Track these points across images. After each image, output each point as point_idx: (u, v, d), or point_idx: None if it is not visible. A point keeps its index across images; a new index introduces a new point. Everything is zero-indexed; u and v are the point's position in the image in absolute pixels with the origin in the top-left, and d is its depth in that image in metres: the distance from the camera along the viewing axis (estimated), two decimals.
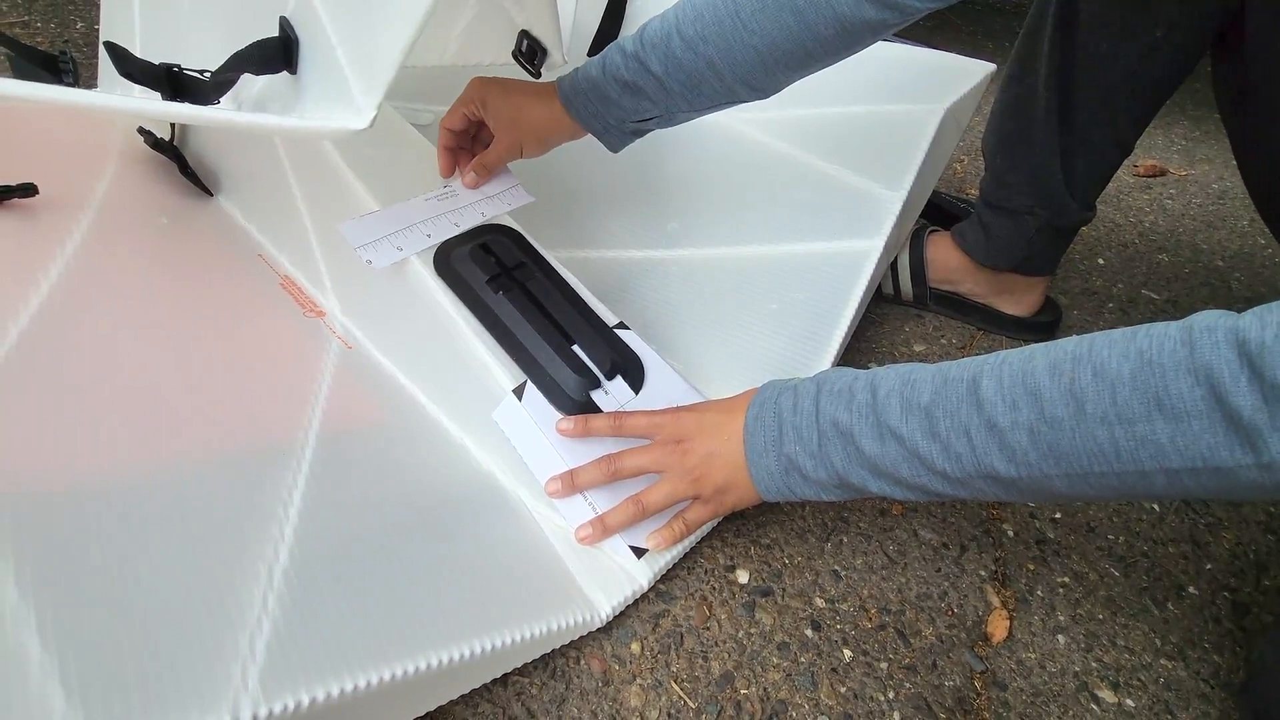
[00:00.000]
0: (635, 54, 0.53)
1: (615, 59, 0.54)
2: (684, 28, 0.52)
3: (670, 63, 0.52)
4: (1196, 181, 1.27)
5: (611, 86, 0.55)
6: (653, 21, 0.54)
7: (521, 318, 0.54)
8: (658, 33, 0.53)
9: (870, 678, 0.48)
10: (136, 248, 0.59)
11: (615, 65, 0.54)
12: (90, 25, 1.22)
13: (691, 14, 0.52)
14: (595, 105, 0.56)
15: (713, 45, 0.51)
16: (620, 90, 0.55)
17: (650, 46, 0.53)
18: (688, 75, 0.53)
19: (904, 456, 0.42)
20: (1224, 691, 0.50)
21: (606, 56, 0.55)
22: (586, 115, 0.57)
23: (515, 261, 0.57)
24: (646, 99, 0.55)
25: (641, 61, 0.53)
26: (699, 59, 0.52)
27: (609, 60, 0.55)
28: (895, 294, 0.84)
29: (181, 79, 0.49)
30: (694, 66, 0.52)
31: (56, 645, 0.30)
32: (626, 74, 0.54)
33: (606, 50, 0.55)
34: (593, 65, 0.56)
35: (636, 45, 0.54)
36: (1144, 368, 0.34)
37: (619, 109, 0.56)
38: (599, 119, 0.57)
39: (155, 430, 0.44)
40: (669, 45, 0.52)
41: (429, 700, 0.41)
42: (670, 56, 0.52)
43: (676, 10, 0.53)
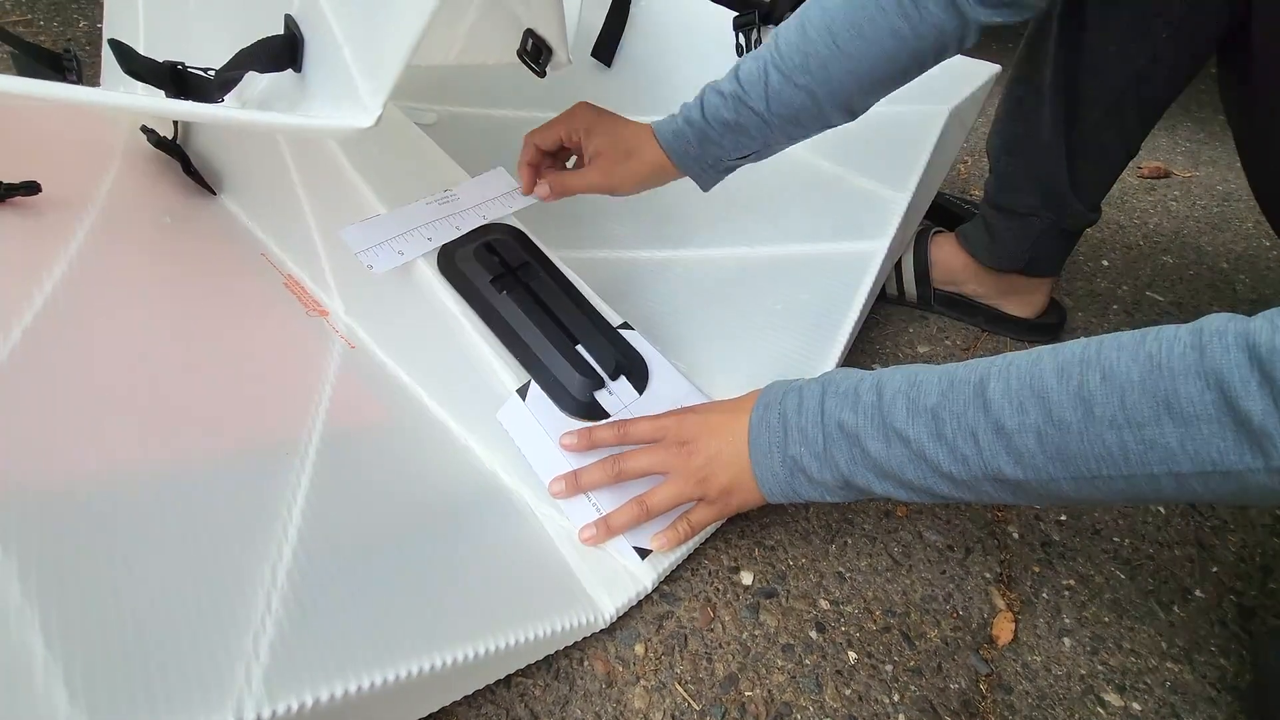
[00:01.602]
0: (735, 94, 0.55)
1: (714, 101, 0.56)
2: (781, 62, 0.54)
3: (771, 97, 0.54)
4: (1201, 183, 1.26)
5: (713, 128, 0.56)
6: (745, 61, 0.56)
7: (525, 318, 0.53)
8: (754, 71, 0.55)
9: (875, 680, 0.48)
10: (140, 246, 0.59)
11: (715, 106, 0.56)
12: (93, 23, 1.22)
13: (786, 48, 0.54)
14: (696, 147, 0.57)
15: (813, 75, 0.53)
16: (722, 130, 0.56)
17: (749, 85, 0.54)
18: (788, 107, 0.54)
19: (910, 458, 0.41)
20: (1230, 695, 0.49)
21: (705, 100, 0.57)
22: (686, 159, 0.58)
23: (519, 261, 0.57)
24: (748, 136, 0.56)
25: (742, 100, 0.54)
26: (799, 90, 0.53)
27: (708, 103, 0.56)
28: (899, 295, 0.84)
29: (186, 77, 0.49)
30: (794, 98, 0.54)
31: (60, 645, 0.30)
32: (728, 114, 0.55)
33: (703, 93, 0.57)
34: (691, 109, 0.57)
35: (734, 86, 0.55)
36: (1153, 371, 0.34)
37: (719, 148, 0.57)
38: (699, 161, 0.58)
39: (158, 429, 0.44)
40: (768, 80, 0.54)
41: (432, 701, 0.41)
42: (771, 91, 0.54)
43: (768, 48, 0.55)
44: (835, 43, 0.52)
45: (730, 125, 0.56)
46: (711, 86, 0.57)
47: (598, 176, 0.58)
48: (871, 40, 0.52)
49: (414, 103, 0.82)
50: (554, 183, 0.59)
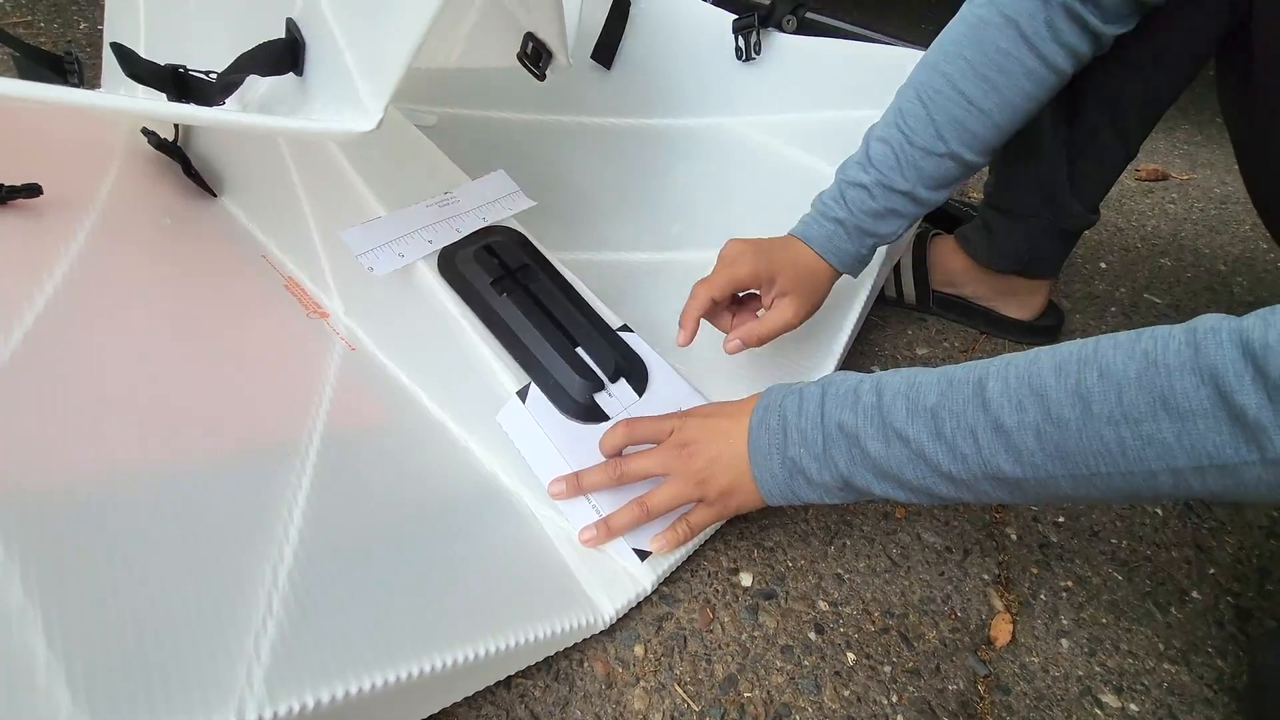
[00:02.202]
0: (876, 181, 0.55)
1: (856, 195, 0.56)
2: (914, 136, 0.54)
3: (914, 173, 0.54)
4: (1199, 186, 1.27)
5: (865, 220, 0.56)
6: (872, 144, 0.56)
7: (525, 320, 0.54)
8: (887, 154, 0.55)
9: (874, 681, 0.48)
10: (140, 248, 0.59)
11: (859, 199, 0.56)
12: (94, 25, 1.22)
13: (914, 122, 0.54)
14: (853, 244, 0.57)
15: (951, 140, 0.53)
16: (875, 220, 0.56)
17: (888, 168, 0.55)
18: (932, 176, 0.55)
19: (909, 458, 0.42)
20: (1227, 696, 0.50)
21: (846, 196, 0.56)
22: (846, 258, 0.58)
23: (519, 263, 0.57)
24: (899, 215, 0.56)
25: (885, 185, 0.55)
26: (942, 159, 0.54)
27: (850, 198, 0.56)
28: (898, 297, 0.84)
29: (187, 80, 0.49)
30: (939, 167, 0.54)
31: (63, 646, 0.30)
32: (876, 203, 0.55)
33: (840, 189, 0.57)
34: (832, 207, 0.57)
35: (872, 174, 0.55)
36: (1149, 368, 0.35)
37: (873, 237, 0.57)
38: (856, 256, 0.58)
39: (159, 430, 0.44)
40: (905, 158, 0.54)
41: (433, 702, 0.41)
42: (912, 167, 0.54)
43: (894, 126, 0.55)
44: (969, 103, 0.53)
45: (880, 213, 0.56)
46: (846, 179, 0.57)
47: (792, 314, 0.56)
48: (1007, 89, 0.52)
49: (414, 105, 0.82)
50: (746, 335, 0.56)
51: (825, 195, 0.59)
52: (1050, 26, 0.52)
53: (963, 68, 0.53)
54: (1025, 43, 0.52)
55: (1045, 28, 0.52)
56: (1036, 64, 0.52)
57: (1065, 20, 0.52)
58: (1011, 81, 0.53)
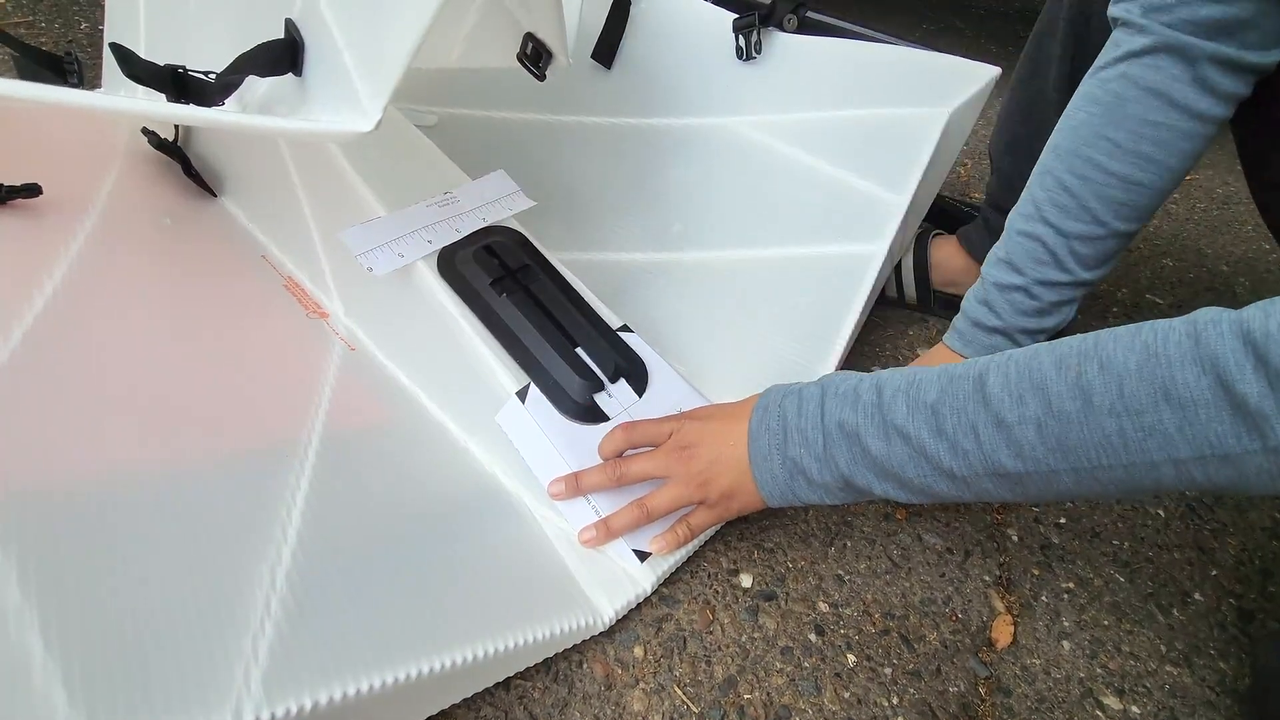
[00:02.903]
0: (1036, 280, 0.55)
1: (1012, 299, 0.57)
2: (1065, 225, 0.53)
3: (1073, 259, 0.54)
4: (1200, 186, 1.26)
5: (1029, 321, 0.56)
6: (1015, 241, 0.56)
7: (525, 320, 0.53)
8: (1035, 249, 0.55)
9: (874, 683, 0.48)
10: (140, 248, 0.59)
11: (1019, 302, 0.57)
12: (95, 26, 1.22)
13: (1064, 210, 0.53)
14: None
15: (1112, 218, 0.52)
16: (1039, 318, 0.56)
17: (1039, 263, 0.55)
18: (1095, 256, 0.54)
19: (910, 456, 0.41)
20: (1229, 698, 0.49)
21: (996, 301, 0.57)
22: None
23: (519, 264, 0.57)
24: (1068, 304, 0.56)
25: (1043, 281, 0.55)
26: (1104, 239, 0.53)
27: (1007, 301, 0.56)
28: (899, 297, 0.84)
29: (187, 80, 0.49)
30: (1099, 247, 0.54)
31: (59, 646, 0.30)
32: (1039, 301, 0.56)
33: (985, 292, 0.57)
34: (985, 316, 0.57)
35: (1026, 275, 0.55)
36: (1150, 359, 0.35)
37: (1045, 334, 0.57)
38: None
39: (158, 431, 0.44)
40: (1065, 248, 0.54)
41: (431, 704, 0.41)
42: (1071, 255, 0.54)
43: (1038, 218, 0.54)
44: (1126, 181, 0.51)
45: (1044, 309, 0.55)
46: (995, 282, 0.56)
47: None
48: (1166, 157, 0.50)
49: (414, 105, 0.82)
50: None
51: (972, 299, 0.57)
52: (1201, 85, 0.48)
53: (1109, 149, 0.51)
54: (1177, 109, 0.49)
55: (1195, 88, 0.48)
56: (1193, 124, 0.49)
57: (1218, 72, 0.48)
58: (1170, 149, 0.50)
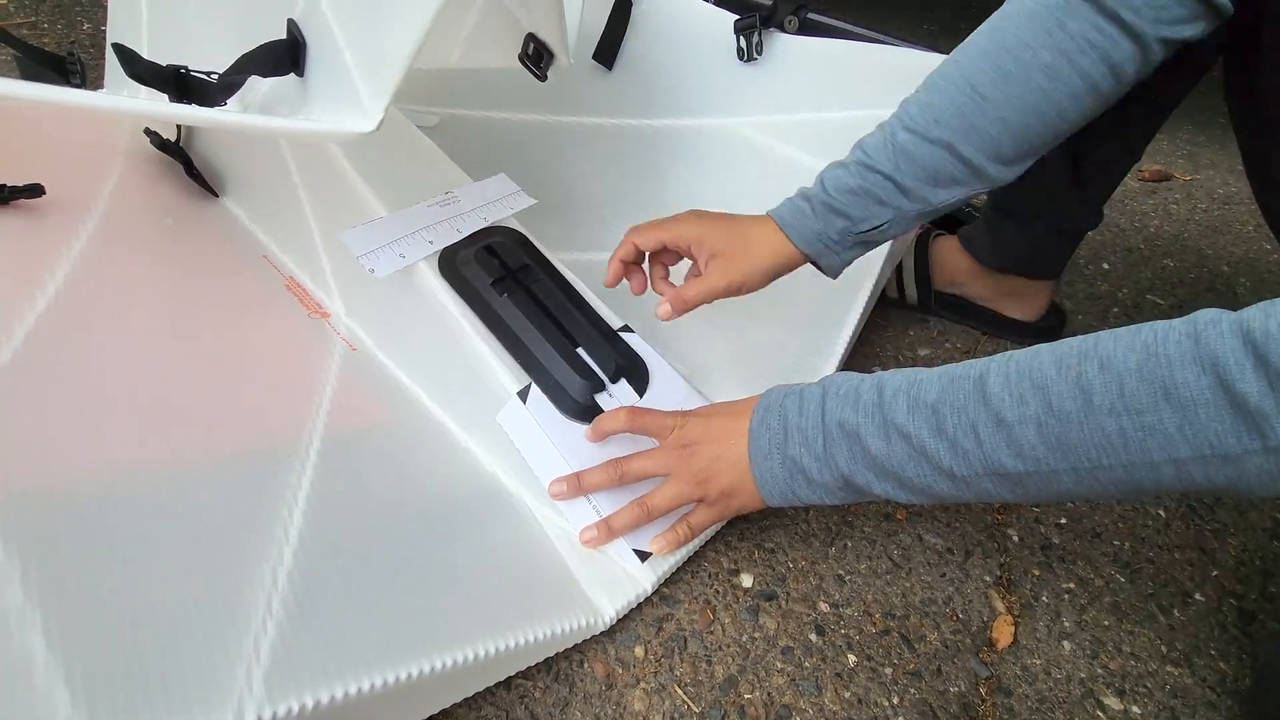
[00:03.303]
0: (858, 160, 0.53)
1: (835, 172, 0.53)
2: (910, 121, 0.51)
3: (901, 156, 0.51)
4: (1202, 186, 1.26)
5: (835, 198, 0.53)
6: (867, 136, 0.54)
7: (526, 320, 0.54)
8: (878, 138, 0.53)
9: (875, 683, 0.48)
10: (142, 248, 0.59)
11: (837, 177, 0.53)
12: (97, 26, 1.22)
13: (915, 109, 0.51)
14: (818, 221, 0.54)
15: (949, 127, 0.50)
16: (847, 199, 0.53)
17: (874, 150, 0.52)
18: (922, 165, 0.51)
19: (910, 455, 0.41)
20: (1230, 698, 0.49)
21: (824, 175, 0.54)
22: (808, 234, 0.54)
23: (519, 264, 0.57)
24: (876, 202, 0.52)
25: (867, 165, 0.52)
26: (934, 145, 0.50)
27: (828, 175, 0.54)
28: (900, 298, 0.84)
29: (189, 80, 0.49)
30: (928, 154, 0.51)
31: (62, 646, 0.30)
32: (852, 180, 0.52)
33: (822, 172, 0.54)
34: (809, 187, 0.55)
35: (857, 154, 0.53)
36: (1150, 359, 0.35)
37: (844, 220, 0.53)
38: (821, 236, 0.54)
39: (160, 431, 0.44)
40: (895, 141, 0.51)
41: (432, 703, 0.41)
42: (899, 150, 0.51)
43: (894, 116, 0.52)
44: (975, 91, 0.49)
45: (855, 191, 0.52)
46: (831, 164, 0.55)
47: (719, 279, 0.53)
48: (1020, 81, 0.48)
49: (415, 105, 0.82)
50: (674, 299, 0.54)
51: None
52: (1074, 18, 0.47)
53: (974, 55, 0.50)
54: (1045, 35, 0.48)
55: (1067, 19, 0.47)
56: (1056, 59, 0.48)
57: (1092, 13, 0.47)
58: (1025, 75, 0.48)
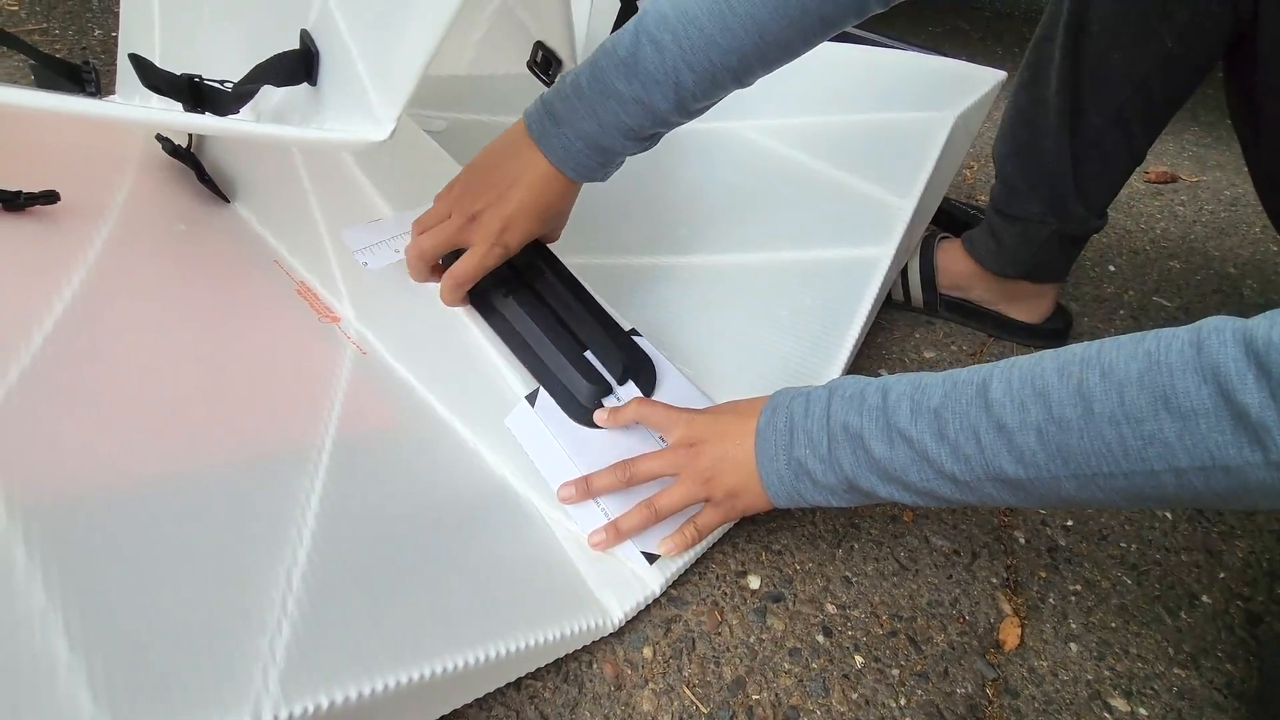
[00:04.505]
0: (631, 29, 0.48)
1: (605, 47, 0.48)
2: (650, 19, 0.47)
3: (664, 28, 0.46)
4: (1208, 188, 1.26)
5: (608, 71, 0.47)
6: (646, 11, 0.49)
7: (533, 323, 0.54)
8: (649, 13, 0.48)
9: (882, 684, 0.48)
10: (155, 254, 0.60)
11: (608, 49, 0.48)
12: (108, 32, 1.23)
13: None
14: (581, 109, 0.48)
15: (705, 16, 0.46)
16: (616, 71, 0.47)
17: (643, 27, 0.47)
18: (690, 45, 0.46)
19: (913, 459, 0.42)
20: (1237, 700, 0.49)
21: (593, 56, 0.49)
22: (572, 131, 0.48)
23: (528, 264, 0.57)
24: (644, 76, 0.47)
25: (639, 34, 0.47)
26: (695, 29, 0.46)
27: (598, 53, 0.48)
28: (905, 301, 0.84)
29: (203, 90, 0.50)
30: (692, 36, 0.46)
31: (83, 647, 0.31)
32: (622, 50, 0.47)
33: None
34: (579, 69, 0.49)
35: (633, 25, 0.48)
36: (1151, 367, 0.35)
37: (613, 106, 0.47)
38: (586, 134, 0.48)
39: (175, 435, 0.45)
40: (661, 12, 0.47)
41: (444, 704, 0.42)
42: (663, 21, 0.47)
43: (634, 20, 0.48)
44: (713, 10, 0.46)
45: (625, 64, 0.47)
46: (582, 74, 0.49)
47: (484, 251, 0.49)
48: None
49: (424, 110, 0.83)
50: (449, 288, 0.51)
51: None
52: None
53: None
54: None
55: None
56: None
57: None
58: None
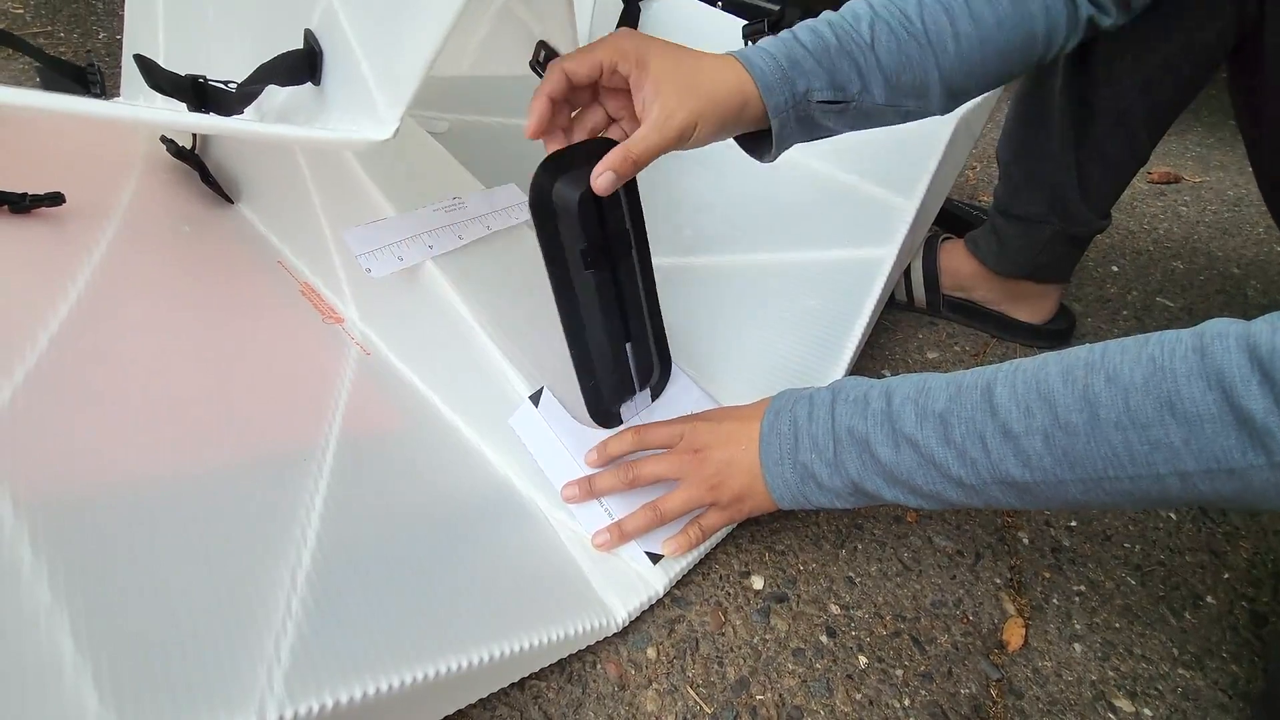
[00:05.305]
0: (834, 21, 0.47)
1: (807, 25, 0.47)
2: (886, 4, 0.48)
3: (878, 34, 0.47)
4: (1211, 188, 1.26)
5: (807, 48, 0.46)
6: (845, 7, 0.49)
7: (596, 308, 0.48)
8: (859, 7, 0.48)
9: (886, 685, 0.48)
10: (160, 255, 0.60)
11: (809, 29, 0.47)
12: (112, 35, 1.23)
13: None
14: (785, 69, 0.45)
15: (926, 24, 0.47)
16: (819, 53, 0.46)
17: (850, 16, 0.48)
18: (893, 54, 0.47)
19: (919, 463, 0.42)
20: (1242, 701, 0.49)
21: (796, 31, 0.47)
22: (774, 84, 0.45)
23: (618, 229, 0.48)
24: (847, 66, 0.46)
25: (845, 28, 0.47)
26: (911, 39, 0.47)
27: (802, 32, 0.47)
28: (909, 301, 0.84)
29: (207, 90, 0.50)
30: (903, 45, 0.47)
31: (89, 646, 0.31)
32: (829, 35, 0.46)
33: (792, 29, 0.48)
34: (776, 38, 0.47)
35: (831, 15, 0.48)
36: (1156, 373, 0.35)
37: (811, 78, 0.46)
38: (786, 90, 0.45)
39: (180, 435, 0.45)
40: (874, 14, 0.47)
41: (448, 703, 0.42)
42: (876, 28, 0.47)
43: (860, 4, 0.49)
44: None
45: (829, 49, 0.46)
46: (800, 25, 0.48)
47: (666, 118, 0.42)
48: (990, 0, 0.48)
49: (426, 111, 0.83)
50: (617, 165, 0.42)
51: None
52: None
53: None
54: None
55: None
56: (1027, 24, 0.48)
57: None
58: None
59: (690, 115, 0.43)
